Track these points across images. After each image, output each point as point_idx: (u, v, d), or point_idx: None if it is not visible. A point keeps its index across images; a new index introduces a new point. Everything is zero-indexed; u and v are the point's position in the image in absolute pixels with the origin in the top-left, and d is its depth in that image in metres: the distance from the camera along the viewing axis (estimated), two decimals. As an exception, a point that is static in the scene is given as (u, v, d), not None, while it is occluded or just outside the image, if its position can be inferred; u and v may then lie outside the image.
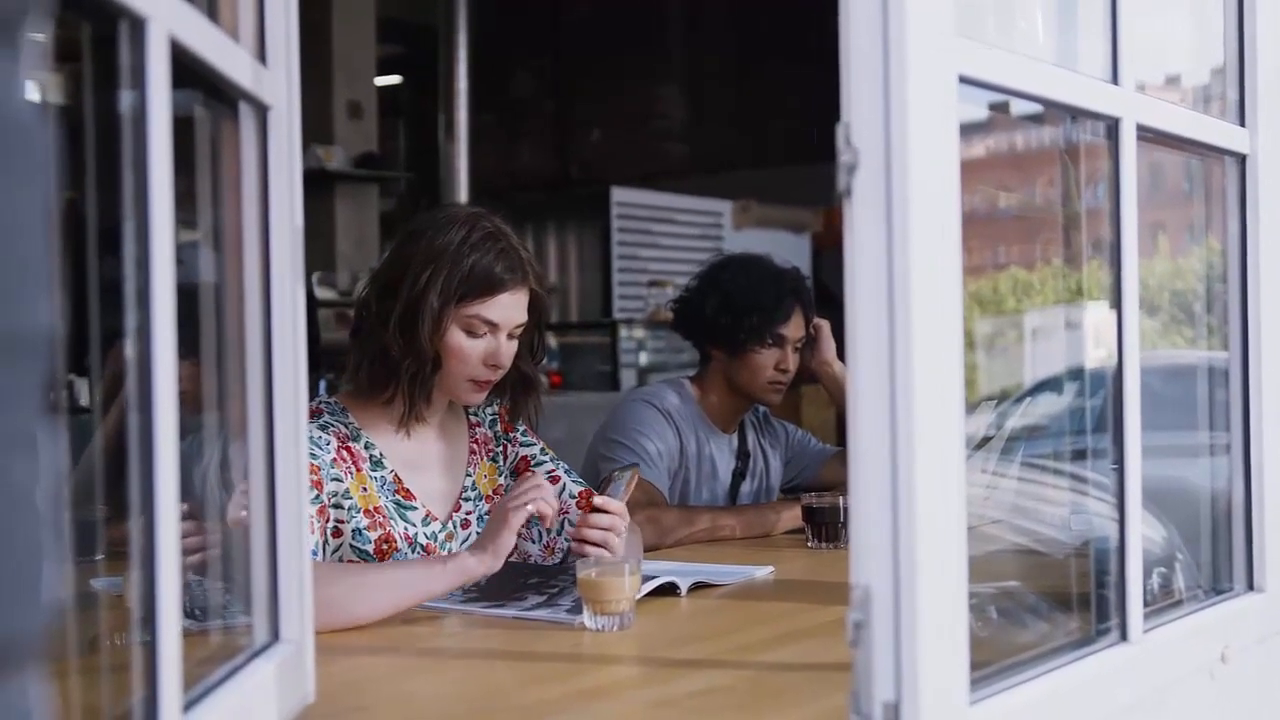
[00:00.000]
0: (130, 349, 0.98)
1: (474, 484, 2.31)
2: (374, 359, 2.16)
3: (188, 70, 1.09)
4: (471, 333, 2.15)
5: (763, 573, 2.34)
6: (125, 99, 0.98)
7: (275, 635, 1.35)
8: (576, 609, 1.90)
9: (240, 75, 1.24)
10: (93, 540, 1.45)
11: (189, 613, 1.17)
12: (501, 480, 2.35)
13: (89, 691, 1.13)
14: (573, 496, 2.33)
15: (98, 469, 2.05)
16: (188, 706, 1.06)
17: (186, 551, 1.07)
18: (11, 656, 0.58)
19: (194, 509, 1.29)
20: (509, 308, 2.17)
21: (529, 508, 1.98)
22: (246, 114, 1.31)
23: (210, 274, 1.32)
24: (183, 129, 1.05)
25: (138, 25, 0.97)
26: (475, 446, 2.33)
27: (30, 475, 0.58)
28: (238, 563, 1.38)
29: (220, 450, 1.42)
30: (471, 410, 2.35)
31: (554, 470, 2.35)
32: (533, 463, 2.36)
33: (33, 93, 0.60)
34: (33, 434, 0.58)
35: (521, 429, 2.39)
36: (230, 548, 1.44)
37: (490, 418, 2.38)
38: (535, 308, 2.22)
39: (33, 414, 0.58)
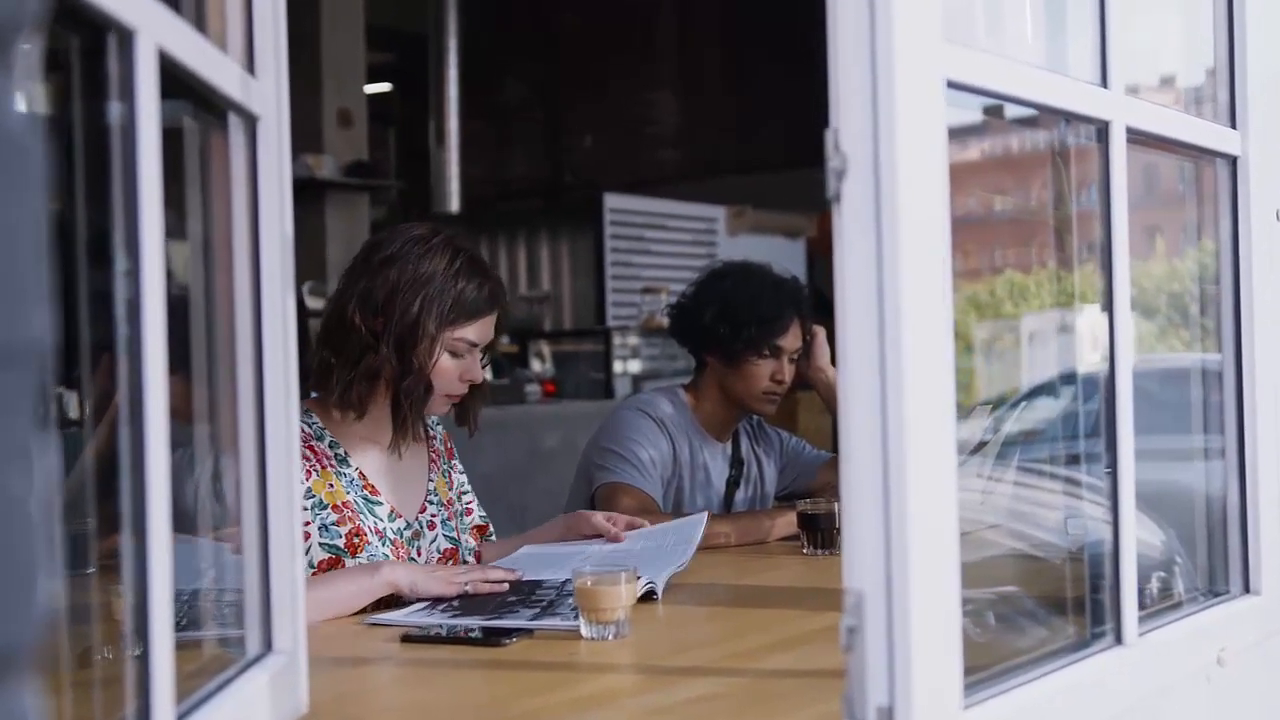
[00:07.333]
0: (121, 360, 0.98)
1: (435, 489, 2.42)
2: (362, 378, 2.24)
3: (175, 81, 1.09)
4: (455, 354, 2.28)
5: (696, 519, 2.45)
6: (114, 110, 0.98)
7: (268, 646, 1.35)
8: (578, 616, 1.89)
9: (229, 86, 1.24)
10: (85, 553, 1.45)
11: (180, 625, 1.17)
12: (451, 493, 2.46)
13: (82, 704, 1.12)
14: (474, 526, 2.50)
15: (89, 482, 2.06)
16: (181, 717, 1.06)
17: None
18: (7, 667, 0.58)
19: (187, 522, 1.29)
20: (488, 328, 2.32)
21: (466, 588, 2.11)
22: (235, 124, 1.31)
23: (199, 285, 1.32)
24: (171, 139, 1.05)
25: (126, 37, 0.97)
26: (434, 456, 2.46)
27: (25, 486, 0.58)
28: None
29: (212, 462, 1.42)
30: (428, 423, 2.46)
31: (471, 503, 2.52)
32: (461, 490, 2.50)
33: (24, 105, 0.60)
34: (27, 444, 0.58)
35: (454, 460, 2.52)
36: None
37: (439, 434, 2.50)
38: (500, 323, 2.36)
39: (27, 424, 0.59)
